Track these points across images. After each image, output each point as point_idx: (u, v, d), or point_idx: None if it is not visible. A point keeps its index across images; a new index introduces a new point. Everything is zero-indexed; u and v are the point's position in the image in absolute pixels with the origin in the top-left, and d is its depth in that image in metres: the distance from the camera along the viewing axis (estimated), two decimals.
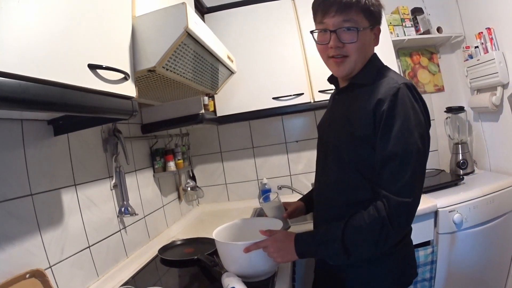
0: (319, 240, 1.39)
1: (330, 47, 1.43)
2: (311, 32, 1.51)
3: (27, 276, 1.30)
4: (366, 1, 1.38)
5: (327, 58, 1.49)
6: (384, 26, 2.81)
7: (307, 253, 1.45)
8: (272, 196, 1.83)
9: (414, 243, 1.60)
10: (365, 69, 1.48)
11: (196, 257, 1.89)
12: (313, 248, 1.42)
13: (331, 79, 1.67)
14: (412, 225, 1.55)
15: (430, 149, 1.45)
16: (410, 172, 1.27)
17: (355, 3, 1.37)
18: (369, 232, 1.28)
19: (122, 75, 1.29)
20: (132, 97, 1.41)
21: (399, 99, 1.31)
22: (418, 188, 1.31)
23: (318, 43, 1.49)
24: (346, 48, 1.42)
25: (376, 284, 1.46)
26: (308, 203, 1.88)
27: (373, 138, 1.34)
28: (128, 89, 1.37)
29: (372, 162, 1.36)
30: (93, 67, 1.14)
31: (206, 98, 2.61)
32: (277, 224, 1.68)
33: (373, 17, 1.44)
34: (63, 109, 1.09)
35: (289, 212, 1.82)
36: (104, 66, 1.17)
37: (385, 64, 1.56)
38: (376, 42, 1.54)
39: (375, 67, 1.50)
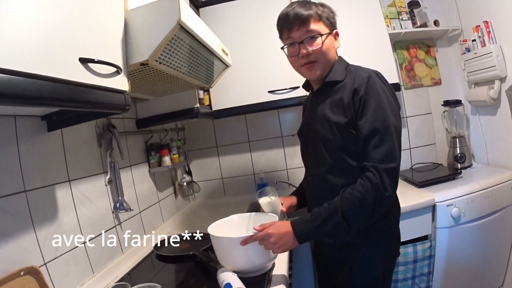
0: (319, 219, 1.48)
1: (301, 56, 1.63)
2: (282, 48, 1.72)
3: (22, 273, 1.29)
4: (321, 11, 1.63)
5: (299, 67, 1.69)
6: (380, 19, 2.82)
7: (307, 235, 1.53)
8: (269, 191, 1.82)
9: (411, 238, 1.66)
10: (335, 69, 1.68)
11: (191, 252, 1.88)
12: (313, 228, 1.49)
13: (305, 86, 1.88)
14: (410, 220, 1.56)
15: (427, 143, 1.59)
16: (390, 141, 1.45)
17: (312, 15, 1.60)
18: (365, 200, 1.43)
19: (114, 69, 1.27)
20: (125, 91, 1.39)
21: (371, 85, 1.52)
22: (399, 154, 1.48)
23: (289, 56, 1.69)
24: (314, 54, 1.62)
25: (378, 256, 1.64)
26: (299, 198, 1.97)
27: (354, 122, 1.53)
28: (121, 83, 1.35)
29: (356, 144, 1.53)
30: (84, 61, 1.12)
31: (201, 92, 2.59)
32: (273, 219, 1.67)
33: (330, 23, 1.66)
34: (54, 104, 1.07)
35: (287, 206, 1.87)
36: (95, 60, 1.16)
37: (380, 57, 1.74)
38: (338, 43, 1.73)
39: (343, 65, 1.70)
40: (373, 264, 1.63)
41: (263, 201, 1.82)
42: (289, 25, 1.63)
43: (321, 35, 1.61)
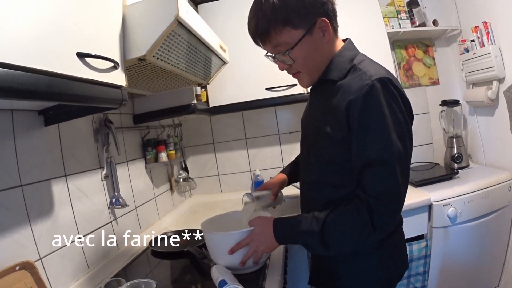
0: (298, 230, 1.36)
1: (281, 70, 1.45)
2: (265, 56, 1.47)
3: (17, 268, 1.29)
4: (282, 14, 1.27)
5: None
6: (379, 18, 2.82)
7: (285, 241, 1.46)
8: (248, 202, 1.74)
9: (407, 237, 1.59)
10: (332, 65, 1.38)
11: (186, 249, 1.88)
12: (291, 237, 1.42)
13: None
14: (406, 219, 1.54)
15: (424, 142, 1.43)
16: (392, 176, 1.21)
17: (270, 28, 1.29)
18: (350, 232, 1.28)
19: (112, 64, 1.27)
20: (122, 86, 1.39)
21: (371, 98, 1.21)
22: (401, 191, 1.25)
23: (275, 63, 1.47)
24: (293, 67, 1.40)
25: (365, 277, 1.44)
26: (290, 174, 1.88)
27: (349, 140, 1.28)
28: (118, 78, 1.34)
29: (350, 162, 1.31)
30: (81, 56, 1.11)
31: (198, 88, 2.59)
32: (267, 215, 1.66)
33: (304, 19, 1.29)
34: (52, 98, 1.07)
35: (275, 193, 1.79)
36: (93, 55, 1.15)
37: (378, 56, 1.47)
38: (328, 36, 1.34)
39: (345, 58, 1.38)
40: (362, 283, 1.46)
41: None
42: (254, 41, 1.40)
43: (292, 47, 1.31)
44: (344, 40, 1.49)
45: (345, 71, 1.34)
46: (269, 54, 1.44)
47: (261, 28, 1.31)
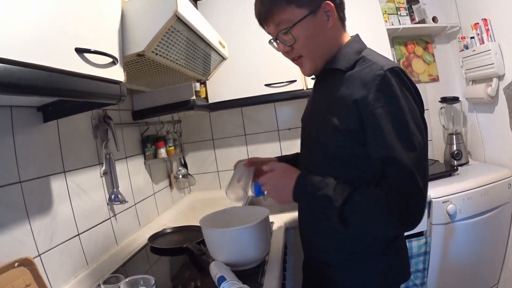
0: (320, 193, 1.23)
1: (283, 53, 1.41)
2: (269, 42, 1.45)
3: (16, 264, 1.28)
4: None
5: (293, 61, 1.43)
6: (378, 15, 2.81)
7: (302, 199, 1.34)
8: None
9: (407, 234, 1.56)
10: (339, 54, 1.34)
11: (184, 245, 1.88)
12: (310, 196, 1.27)
13: None
14: None
15: None
16: (418, 169, 1.13)
17: (274, 5, 1.29)
18: (373, 216, 1.17)
19: (110, 59, 1.26)
20: (121, 82, 1.38)
21: (385, 89, 1.17)
22: (426, 184, 1.17)
23: (278, 51, 1.44)
24: (295, 49, 1.35)
25: (364, 284, 1.39)
26: (288, 160, 1.64)
27: (361, 134, 1.21)
28: (116, 73, 1.34)
29: (360, 156, 1.24)
30: (80, 51, 1.11)
31: (197, 84, 2.59)
32: (264, 212, 1.66)
33: (309, 0, 1.28)
34: (50, 94, 1.06)
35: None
36: (92, 50, 1.15)
37: (378, 52, 1.38)
38: (332, 21, 1.32)
39: (353, 49, 1.35)
40: None
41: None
42: (259, 20, 1.40)
43: (294, 24, 1.28)
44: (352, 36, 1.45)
45: (353, 61, 1.30)
46: (271, 39, 1.42)
47: (266, 6, 1.32)
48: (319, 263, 1.50)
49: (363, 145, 1.22)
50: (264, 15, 1.35)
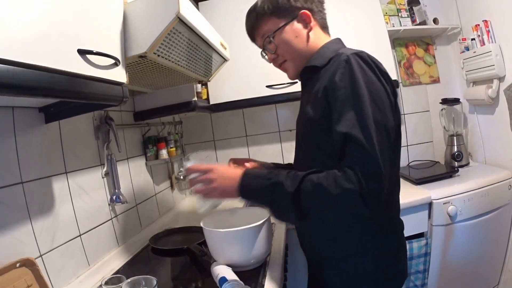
0: (268, 183, 1.25)
1: (272, 62, 1.56)
2: (261, 55, 1.61)
3: (18, 265, 1.29)
4: (266, 6, 1.42)
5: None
6: (379, 16, 2.82)
7: (249, 194, 1.32)
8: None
9: (407, 235, 1.56)
10: (316, 54, 1.43)
11: (186, 246, 1.88)
12: (258, 189, 1.28)
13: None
14: (406, 217, 1.51)
15: (425, 141, 1.37)
16: (370, 147, 1.11)
17: (258, 19, 1.46)
18: (329, 193, 1.13)
19: (113, 61, 1.27)
20: (123, 83, 1.39)
21: (346, 71, 1.21)
22: (381, 161, 1.11)
23: (268, 62, 1.59)
24: (279, 54, 1.48)
25: (358, 283, 1.37)
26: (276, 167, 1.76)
27: (328, 120, 1.22)
28: (119, 75, 1.35)
29: (333, 148, 1.21)
30: (83, 52, 1.11)
31: (199, 85, 2.59)
32: (266, 213, 1.66)
33: (286, 10, 1.42)
34: (52, 95, 1.07)
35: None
36: (94, 52, 1.15)
37: (378, 54, 1.39)
38: (309, 28, 1.44)
39: (330, 49, 1.41)
40: None
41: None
42: (251, 39, 1.59)
43: (274, 32, 1.42)
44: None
45: (328, 58, 1.35)
46: (262, 52, 1.57)
47: (252, 22, 1.49)
48: (315, 263, 1.53)
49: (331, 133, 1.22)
50: (251, 31, 1.53)
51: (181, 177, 3.07)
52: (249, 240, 1.52)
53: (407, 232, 1.52)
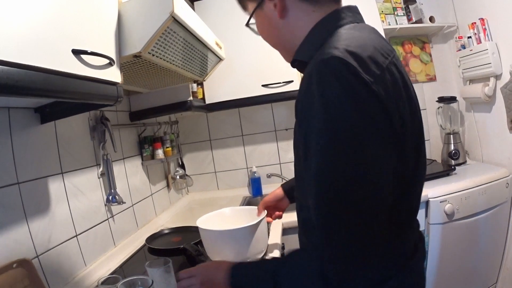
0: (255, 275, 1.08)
1: None
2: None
3: (14, 266, 1.28)
4: None
5: None
6: (375, 15, 2.81)
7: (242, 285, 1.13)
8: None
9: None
10: (302, 44, 1.04)
11: (182, 246, 1.88)
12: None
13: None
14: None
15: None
16: (329, 223, 0.83)
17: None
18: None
19: (107, 61, 1.27)
20: (117, 83, 1.38)
21: (316, 81, 0.82)
22: (343, 237, 0.83)
23: None
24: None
25: None
26: (290, 190, 1.59)
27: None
28: (113, 74, 1.34)
29: None
30: (77, 52, 1.11)
31: (194, 85, 2.59)
32: (263, 214, 1.65)
33: None
34: (47, 95, 1.06)
35: (273, 213, 1.68)
36: (88, 52, 1.15)
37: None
38: (279, 9, 1.02)
39: (318, 37, 0.98)
40: None
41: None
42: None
43: (249, 19, 1.12)
44: None
45: (315, 50, 0.94)
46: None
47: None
48: None
49: None
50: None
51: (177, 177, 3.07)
52: (245, 240, 1.52)
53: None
